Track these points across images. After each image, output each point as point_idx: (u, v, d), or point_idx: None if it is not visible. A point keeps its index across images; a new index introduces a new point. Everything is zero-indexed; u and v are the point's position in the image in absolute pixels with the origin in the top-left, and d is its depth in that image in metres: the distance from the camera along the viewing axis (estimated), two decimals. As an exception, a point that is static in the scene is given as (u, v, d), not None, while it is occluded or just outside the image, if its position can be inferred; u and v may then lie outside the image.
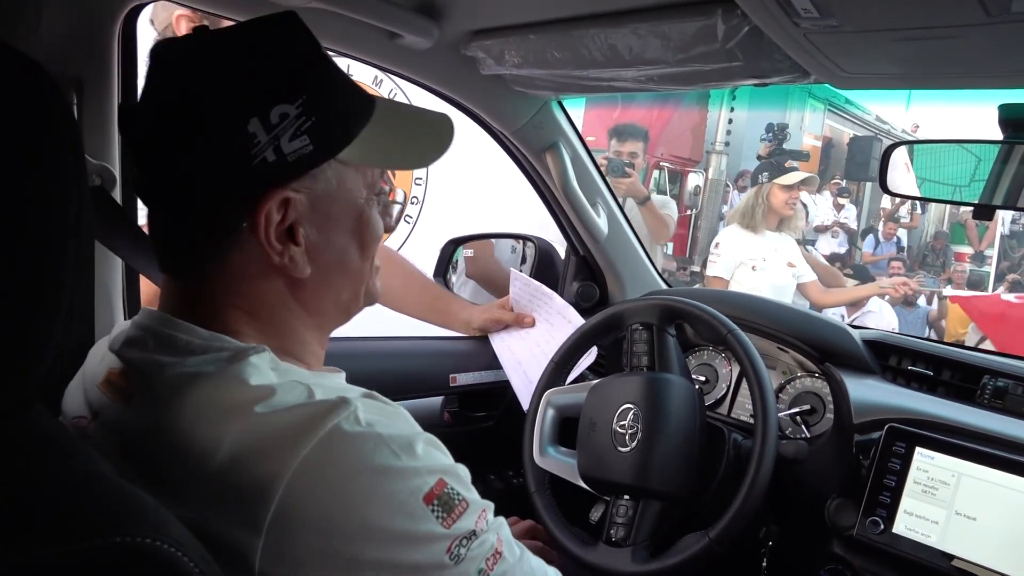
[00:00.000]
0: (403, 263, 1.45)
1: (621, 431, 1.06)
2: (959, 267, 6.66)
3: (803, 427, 1.19)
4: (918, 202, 6.20)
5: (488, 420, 1.51)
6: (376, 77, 2.51)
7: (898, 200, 6.46)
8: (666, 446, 1.04)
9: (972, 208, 1.07)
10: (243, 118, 0.56)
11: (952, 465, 0.95)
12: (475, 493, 0.59)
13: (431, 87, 1.26)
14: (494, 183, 2.44)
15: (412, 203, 2.77)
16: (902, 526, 0.96)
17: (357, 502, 0.52)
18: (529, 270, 1.63)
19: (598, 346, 1.29)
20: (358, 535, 0.52)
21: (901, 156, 1.13)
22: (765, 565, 1.13)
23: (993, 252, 6.63)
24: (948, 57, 0.84)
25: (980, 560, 0.90)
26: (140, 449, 0.57)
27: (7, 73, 0.41)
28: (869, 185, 7.22)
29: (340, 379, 0.67)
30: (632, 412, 1.06)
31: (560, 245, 1.64)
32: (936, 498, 0.95)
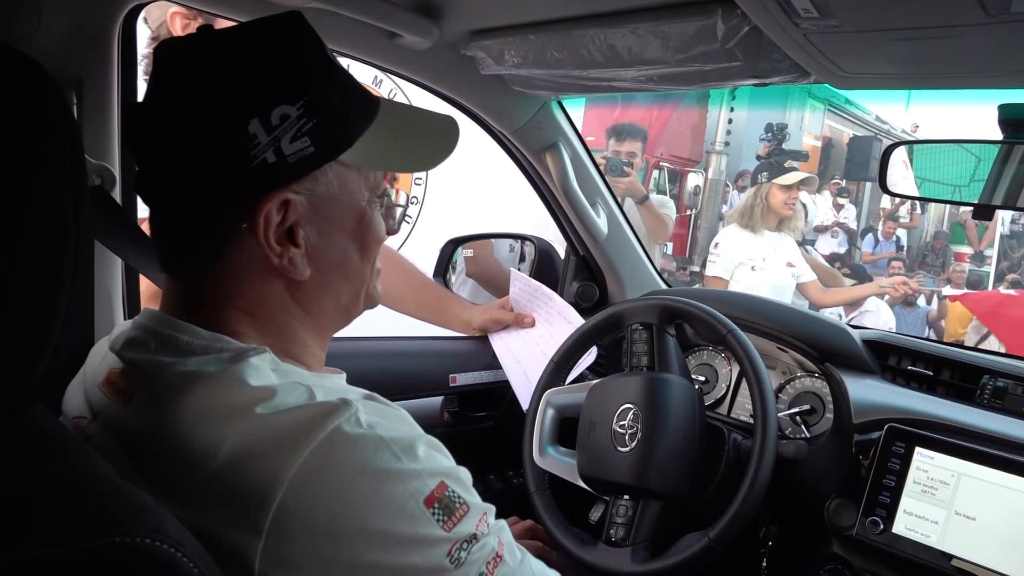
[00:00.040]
0: (403, 263, 1.45)
1: (621, 431, 1.06)
2: (959, 267, 6.65)
3: (803, 427, 1.19)
4: (918, 202, 6.20)
5: (488, 420, 1.51)
6: (376, 77, 2.51)
7: (897, 200, 6.46)
8: (666, 446, 1.03)
9: (972, 208, 1.07)
10: (244, 119, 0.56)
11: (952, 465, 0.95)
12: (476, 496, 0.59)
13: (431, 87, 1.26)
14: (494, 183, 2.44)
15: (412, 203, 2.78)
16: (902, 526, 0.96)
17: (357, 504, 0.52)
18: (529, 270, 1.63)
19: (598, 346, 1.29)
20: (358, 537, 0.52)
21: (900, 156, 1.13)
22: (765, 565, 1.13)
23: (993, 252, 6.62)
24: (948, 57, 0.84)
25: (980, 560, 0.90)
26: (140, 449, 0.57)
27: (7, 73, 0.41)
28: (869, 185, 7.21)
29: (341, 380, 0.67)
30: (632, 412, 1.06)
31: (560, 245, 1.64)
32: (936, 498, 0.95)
